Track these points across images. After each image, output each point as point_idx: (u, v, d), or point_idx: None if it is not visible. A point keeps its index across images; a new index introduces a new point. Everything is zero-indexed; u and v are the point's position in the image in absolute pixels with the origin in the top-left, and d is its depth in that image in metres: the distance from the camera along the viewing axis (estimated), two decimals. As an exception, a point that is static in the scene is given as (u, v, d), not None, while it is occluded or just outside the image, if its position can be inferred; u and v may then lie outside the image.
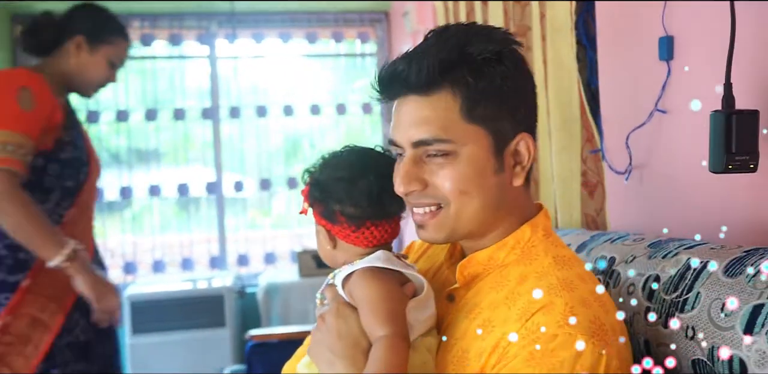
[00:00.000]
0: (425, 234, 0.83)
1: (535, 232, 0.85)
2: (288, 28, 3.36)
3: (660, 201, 1.21)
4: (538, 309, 0.74)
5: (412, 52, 0.79)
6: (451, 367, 0.79)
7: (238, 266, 3.35)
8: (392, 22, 3.41)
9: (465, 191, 0.79)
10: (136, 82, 3.27)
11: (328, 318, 0.82)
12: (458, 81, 0.77)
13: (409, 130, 0.79)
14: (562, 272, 0.79)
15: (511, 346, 0.73)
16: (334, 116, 3.43)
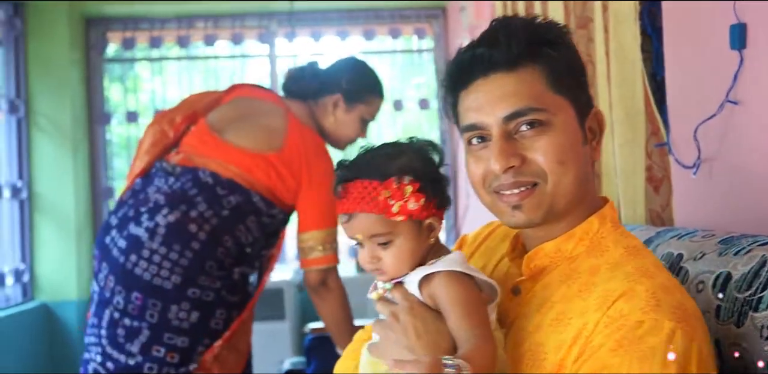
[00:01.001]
0: (521, 216, 0.81)
1: (603, 223, 0.84)
2: (345, 25, 3.39)
3: (731, 196, 1.16)
4: (619, 296, 0.73)
5: (487, 36, 0.82)
6: (525, 361, 0.79)
7: (297, 261, 3.41)
8: (449, 18, 3.40)
9: (562, 161, 0.79)
10: (199, 82, 3.37)
11: (402, 317, 0.81)
12: (541, 54, 0.80)
13: (498, 105, 0.80)
14: (636, 262, 0.78)
15: (594, 335, 0.72)
16: (391, 112, 3.45)
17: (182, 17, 3.28)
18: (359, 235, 0.81)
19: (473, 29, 2.83)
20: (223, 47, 3.40)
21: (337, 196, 0.83)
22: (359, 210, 0.81)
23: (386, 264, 0.81)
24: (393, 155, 0.84)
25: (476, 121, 0.82)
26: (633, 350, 0.68)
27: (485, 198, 0.85)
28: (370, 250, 0.82)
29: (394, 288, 0.84)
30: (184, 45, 3.32)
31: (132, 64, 3.34)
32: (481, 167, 0.83)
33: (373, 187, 0.80)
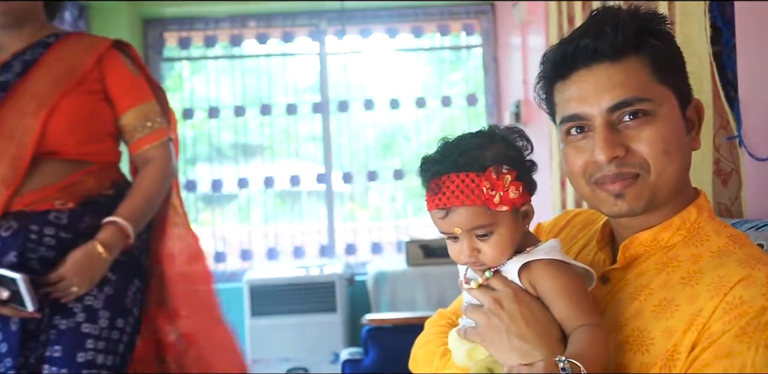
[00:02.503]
0: (623, 205, 0.81)
1: (700, 213, 0.84)
2: (395, 23, 3.43)
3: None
4: (736, 282, 0.73)
5: (592, 27, 0.82)
6: (629, 346, 0.79)
7: (346, 255, 3.47)
8: (498, 14, 3.40)
9: (667, 151, 0.80)
10: (252, 80, 3.45)
11: (507, 304, 0.81)
12: (646, 45, 0.80)
13: (603, 95, 0.80)
14: (744, 250, 0.79)
15: (712, 322, 0.73)
16: (438, 108, 3.48)
17: (235, 17, 3.36)
18: (458, 229, 0.80)
19: (525, 25, 2.84)
20: (274, 46, 3.46)
21: (432, 192, 0.81)
22: (459, 204, 0.79)
23: (487, 255, 0.81)
24: (484, 145, 0.82)
25: (579, 111, 0.82)
26: (759, 337, 0.69)
27: (584, 189, 0.85)
28: (468, 243, 0.81)
29: (493, 277, 0.84)
30: (237, 44, 3.40)
31: (188, 63, 3.44)
32: (581, 157, 0.83)
33: (471, 179, 0.79)
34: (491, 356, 0.83)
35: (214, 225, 3.44)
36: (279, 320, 2.98)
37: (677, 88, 0.82)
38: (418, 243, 3.02)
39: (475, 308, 0.86)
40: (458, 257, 0.84)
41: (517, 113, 2.94)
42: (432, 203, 0.81)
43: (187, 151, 3.41)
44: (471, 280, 0.87)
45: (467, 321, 0.88)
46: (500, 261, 0.83)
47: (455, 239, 0.83)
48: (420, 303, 2.97)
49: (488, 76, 3.48)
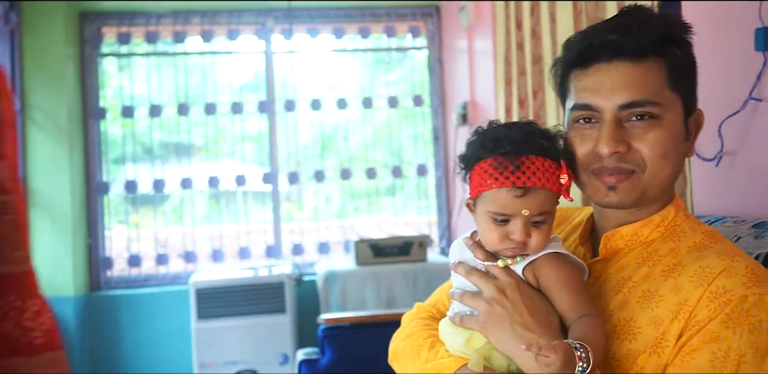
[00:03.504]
0: (614, 196, 0.85)
1: (678, 212, 0.90)
2: (342, 23, 3.44)
3: (751, 186, 1.26)
4: (719, 273, 0.79)
5: (620, 24, 0.85)
6: (617, 335, 0.83)
7: (293, 256, 3.45)
8: (443, 16, 3.47)
9: (665, 156, 0.84)
10: (195, 78, 3.37)
11: (511, 294, 0.83)
12: (667, 52, 0.84)
13: (618, 92, 0.83)
14: (719, 244, 0.85)
15: (698, 310, 0.77)
16: (386, 108, 3.51)
17: (178, 13, 3.27)
18: (526, 211, 0.81)
19: (472, 29, 2.91)
20: (219, 43, 3.40)
21: (506, 169, 0.81)
22: (540, 186, 0.81)
23: (535, 241, 0.83)
24: (547, 136, 0.86)
25: (591, 102, 0.85)
26: (742, 322, 0.74)
27: (581, 176, 0.89)
28: (525, 227, 0.81)
29: (497, 270, 0.86)
30: (180, 41, 3.31)
31: (128, 60, 3.32)
32: (585, 146, 0.87)
33: (549, 165, 0.82)
34: (489, 343, 0.85)
35: (155, 227, 3.34)
36: (226, 322, 2.92)
37: (686, 97, 0.86)
38: (367, 243, 3.04)
39: (474, 295, 0.87)
40: (502, 240, 0.84)
41: (463, 115, 3.01)
42: (508, 179, 0.80)
43: (126, 150, 3.30)
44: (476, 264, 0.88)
45: (463, 307, 0.89)
46: (538, 250, 0.84)
47: (505, 222, 0.82)
48: (370, 302, 2.99)
49: (433, 77, 3.54)
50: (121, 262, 3.31)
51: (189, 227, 3.36)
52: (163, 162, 3.33)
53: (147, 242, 3.37)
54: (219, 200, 3.43)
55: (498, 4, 2.56)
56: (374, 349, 2.20)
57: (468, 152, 0.88)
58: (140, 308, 3.17)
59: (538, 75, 2.23)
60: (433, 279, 3.03)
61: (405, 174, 3.55)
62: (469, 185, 0.89)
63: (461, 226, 3.26)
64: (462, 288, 0.91)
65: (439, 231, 3.58)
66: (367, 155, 3.54)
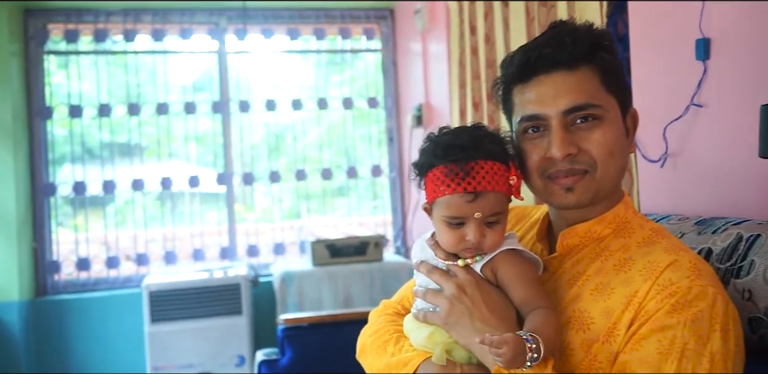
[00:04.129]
0: (572, 197, 0.91)
1: (627, 209, 0.96)
2: (297, 24, 3.44)
3: (693, 185, 1.34)
4: (665, 267, 0.85)
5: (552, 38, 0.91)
6: (571, 326, 0.88)
7: (248, 257, 3.43)
8: (397, 19, 3.51)
9: (611, 153, 0.89)
10: (145, 77, 3.31)
11: (470, 290, 0.88)
12: (597, 58, 0.90)
13: (560, 99, 0.89)
14: (666, 239, 0.91)
15: (647, 301, 0.83)
16: (341, 109, 3.53)
17: (129, 10, 3.21)
18: (479, 213, 0.85)
19: (427, 32, 2.97)
20: (170, 42, 3.34)
21: (456, 176, 0.85)
22: (489, 189, 0.85)
23: (490, 240, 0.87)
24: (496, 140, 0.90)
25: (537, 112, 0.90)
26: (686, 312, 0.80)
27: (537, 183, 0.93)
28: (479, 228, 0.86)
29: (455, 268, 0.90)
30: (130, 39, 3.25)
31: (76, 58, 3.22)
32: (537, 153, 0.92)
33: (498, 168, 0.86)
34: (451, 338, 0.89)
35: (105, 229, 3.26)
36: (181, 325, 2.89)
37: (620, 98, 0.93)
38: (324, 243, 3.05)
39: (436, 293, 0.91)
40: (458, 242, 0.88)
41: (418, 116, 3.06)
42: (459, 186, 0.85)
43: (73, 151, 3.21)
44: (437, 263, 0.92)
45: (425, 304, 0.93)
46: (495, 249, 0.88)
47: (460, 225, 0.87)
48: (327, 302, 3.00)
49: (387, 79, 3.59)
50: (69, 266, 3.22)
51: (140, 229, 3.29)
52: (113, 163, 3.26)
53: (96, 245, 3.29)
54: (170, 201, 3.38)
55: (452, 9, 2.62)
56: (334, 348, 2.22)
57: (421, 159, 0.93)
58: (90, 312, 3.10)
59: (492, 79, 2.29)
60: (389, 279, 3.08)
61: (359, 175, 3.58)
62: (424, 191, 0.93)
63: (417, 226, 3.31)
64: (425, 286, 0.95)
65: (394, 231, 3.63)
66: (322, 156, 3.55)
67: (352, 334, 2.31)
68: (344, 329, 2.29)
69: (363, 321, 2.30)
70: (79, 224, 3.24)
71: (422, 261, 0.96)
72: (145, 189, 3.28)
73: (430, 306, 0.93)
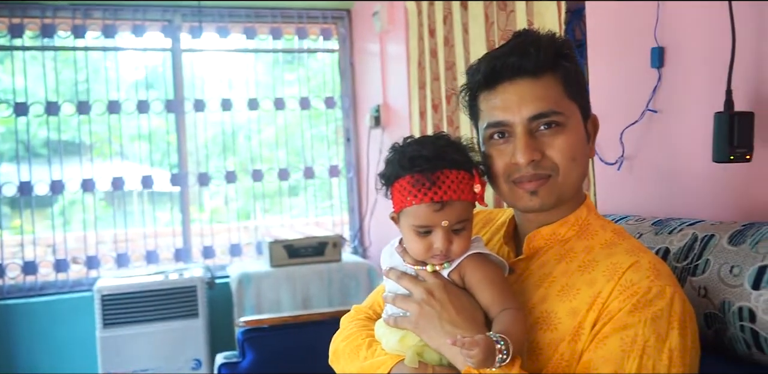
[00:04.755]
0: (536, 200, 0.94)
1: (589, 212, 1.00)
2: (253, 23, 3.40)
3: (648, 187, 1.41)
4: (627, 268, 0.89)
5: (517, 47, 0.93)
6: (539, 326, 0.91)
7: (203, 258, 3.37)
8: (354, 20, 3.52)
9: (574, 158, 0.93)
10: (95, 74, 3.22)
11: (438, 294, 0.90)
12: (560, 66, 0.93)
13: (525, 106, 0.92)
14: (627, 241, 0.95)
15: (610, 301, 0.87)
16: (298, 110, 3.52)
17: (78, 6, 3.11)
18: (446, 221, 0.87)
19: (385, 34, 2.98)
20: (122, 39, 3.25)
21: (423, 186, 0.87)
22: (455, 198, 0.87)
23: (457, 247, 0.89)
24: (459, 149, 0.92)
25: (503, 118, 0.93)
26: (646, 311, 0.84)
27: (502, 187, 0.97)
28: (447, 236, 0.88)
29: (424, 273, 0.92)
30: (80, 35, 3.14)
31: (21, 53, 3.09)
32: (503, 159, 0.95)
33: (463, 177, 0.89)
34: (422, 341, 0.91)
35: (52, 231, 3.15)
36: (135, 329, 2.82)
37: (581, 104, 0.97)
38: (281, 243, 3.03)
39: (405, 298, 0.94)
40: (427, 250, 0.90)
41: (377, 117, 3.08)
42: (426, 196, 0.87)
43: (18, 150, 3.09)
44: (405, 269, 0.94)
45: (396, 310, 0.95)
46: (462, 254, 0.91)
47: (427, 233, 0.89)
48: (286, 304, 2.99)
49: (345, 80, 3.59)
50: (15, 269, 3.09)
51: (90, 230, 3.20)
52: (61, 163, 3.15)
53: (42, 248, 3.17)
54: (121, 202, 3.29)
55: (410, 11, 2.65)
56: (295, 349, 2.22)
57: (387, 170, 0.95)
58: (38, 318, 2.99)
59: (452, 81, 2.33)
60: (347, 279, 3.08)
61: (316, 175, 3.57)
62: (391, 200, 0.95)
63: (374, 227, 3.33)
64: (394, 292, 0.97)
65: (351, 231, 3.64)
66: (278, 156, 3.52)
67: (314, 335, 2.32)
68: (305, 330, 2.29)
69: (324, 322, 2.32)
70: (24, 226, 3.12)
71: (391, 268, 0.99)
72: (96, 189, 3.19)
73: (400, 311, 0.95)
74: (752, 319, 0.93)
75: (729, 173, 1.17)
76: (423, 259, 0.92)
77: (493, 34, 2.02)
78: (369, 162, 3.25)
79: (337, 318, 2.30)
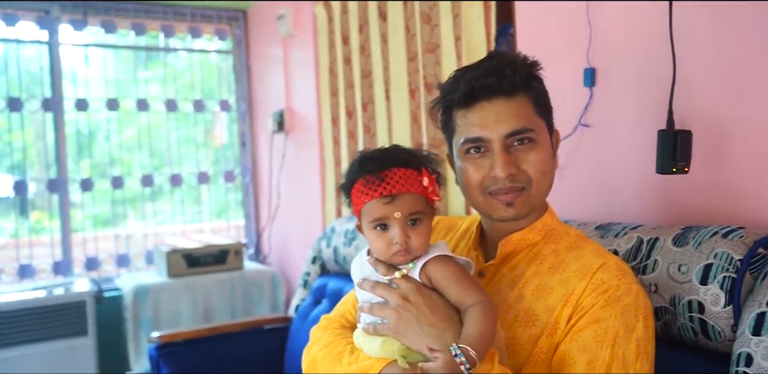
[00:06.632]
0: (512, 211, 1.01)
1: (552, 218, 1.10)
2: (142, 19, 3.21)
3: (579, 195, 1.55)
4: (597, 268, 0.98)
5: (493, 68, 1.00)
6: (517, 324, 0.99)
7: (86, 271, 3.12)
8: (251, 22, 3.44)
9: (544, 171, 1.01)
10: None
11: (413, 298, 0.94)
12: (531, 87, 1.02)
13: (501, 124, 0.99)
14: (590, 245, 1.06)
15: (583, 298, 0.96)
16: (191, 113, 3.37)
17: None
18: (398, 213, 0.94)
19: (290, 39, 2.95)
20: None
21: (373, 183, 0.94)
22: (404, 191, 0.94)
23: (416, 240, 0.95)
24: (412, 153, 1.00)
25: (480, 135, 1.00)
26: (616, 306, 0.94)
27: (478, 198, 1.04)
28: (403, 229, 0.94)
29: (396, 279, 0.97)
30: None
31: None
32: (480, 172, 1.02)
33: (411, 173, 0.96)
34: (403, 345, 0.95)
35: None
36: (17, 351, 2.54)
37: (548, 121, 1.06)
38: (180, 252, 2.89)
39: (382, 306, 0.98)
40: (388, 246, 0.96)
41: (280, 122, 3.04)
42: (375, 192, 0.94)
43: None
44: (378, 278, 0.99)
45: (373, 318, 0.99)
46: (423, 249, 0.97)
47: (385, 229, 0.95)
48: (186, 316, 2.85)
49: (240, 82, 3.50)
50: None
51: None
52: None
53: None
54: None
55: (319, 18, 2.65)
56: (214, 363, 2.14)
57: (345, 180, 1.01)
58: None
59: (368, 88, 2.37)
60: (250, 287, 3.01)
61: (212, 180, 3.44)
62: (352, 208, 1.01)
63: (275, 233, 3.28)
64: (369, 301, 1.01)
65: (247, 238, 3.55)
66: (171, 160, 3.35)
67: (232, 347, 2.25)
68: (223, 342, 2.22)
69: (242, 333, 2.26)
70: None
71: (364, 279, 1.03)
72: (-43, 197, 2.83)
73: (377, 319, 0.99)
74: (701, 310, 1.07)
75: (656, 182, 1.34)
76: (387, 258, 0.97)
77: (415, 45, 2.09)
78: (272, 167, 3.19)
79: (256, 328, 2.28)
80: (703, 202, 1.26)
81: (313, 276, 2.31)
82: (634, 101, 1.39)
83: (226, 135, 3.52)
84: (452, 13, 1.90)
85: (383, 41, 2.26)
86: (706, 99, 1.23)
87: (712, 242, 1.09)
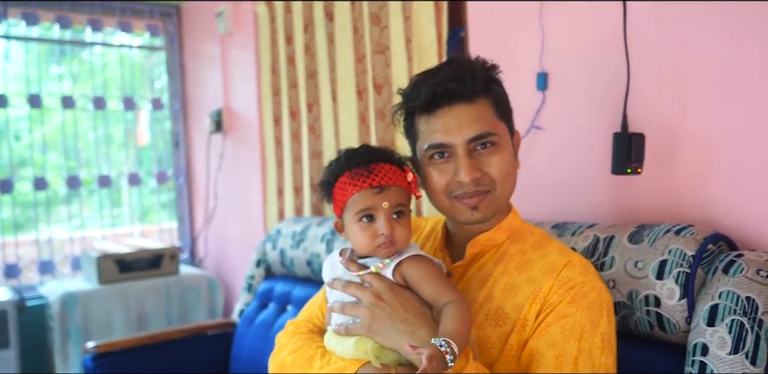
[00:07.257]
0: (477, 214, 1.03)
1: (516, 218, 1.13)
2: (67, 11, 3.04)
3: (532, 195, 1.59)
4: (563, 266, 1.01)
5: (453, 74, 1.01)
6: (488, 322, 1.01)
7: (5, 279, 2.91)
8: (185, 19, 3.33)
9: (508, 174, 1.03)
10: None
11: (387, 296, 0.95)
12: (491, 91, 1.03)
13: (464, 130, 1.00)
14: (554, 243, 1.09)
15: (551, 295, 0.98)
16: (121, 111, 3.22)
17: None
18: (386, 203, 0.96)
19: (228, 36, 2.88)
20: None
21: (362, 176, 0.96)
22: (392, 184, 0.97)
23: (400, 233, 0.97)
24: (390, 152, 1.03)
25: (444, 140, 1.01)
26: (582, 302, 0.98)
27: (443, 202, 1.05)
28: (389, 220, 0.96)
29: (369, 277, 0.98)
30: None
31: None
32: (444, 177, 1.03)
33: (398, 170, 0.99)
34: (376, 344, 0.95)
35: None
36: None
37: (508, 124, 1.08)
38: (111, 258, 2.76)
39: (354, 305, 0.98)
40: (373, 238, 0.96)
41: (218, 122, 2.96)
42: (364, 182, 0.96)
43: None
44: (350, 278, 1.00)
45: (344, 318, 0.99)
46: (405, 244, 0.98)
47: (370, 221, 0.96)
48: (119, 324, 2.71)
49: (173, 80, 3.38)
50: None
51: None
52: None
53: None
54: None
55: (261, 16, 2.59)
56: (155, 371, 2.05)
57: (326, 176, 1.01)
58: None
59: (313, 89, 2.35)
60: (187, 292, 2.91)
61: (143, 181, 3.30)
62: (333, 204, 1.01)
63: (212, 236, 3.18)
64: (340, 301, 1.00)
65: (181, 242, 3.43)
66: (99, 160, 3.19)
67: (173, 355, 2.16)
68: (163, 350, 2.13)
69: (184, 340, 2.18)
70: None
71: (335, 278, 1.02)
72: None
73: (349, 319, 0.98)
74: (657, 304, 1.12)
75: (608, 182, 1.40)
76: (370, 250, 0.98)
77: (363, 46, 2.09)
78: (209, 168, 3.09)
79: (198, 334, 2.21)
80: (653, 202, 1.32)
81: (257, 280, 2.26)
82: (586, 105, 1.45)
83: (152, 135, 3.38)
84: (403, 15, 1.91)
85: (330, 41, 2.25)
86: (655, 104, 1.30)
87: (666, 240, 1.15)
